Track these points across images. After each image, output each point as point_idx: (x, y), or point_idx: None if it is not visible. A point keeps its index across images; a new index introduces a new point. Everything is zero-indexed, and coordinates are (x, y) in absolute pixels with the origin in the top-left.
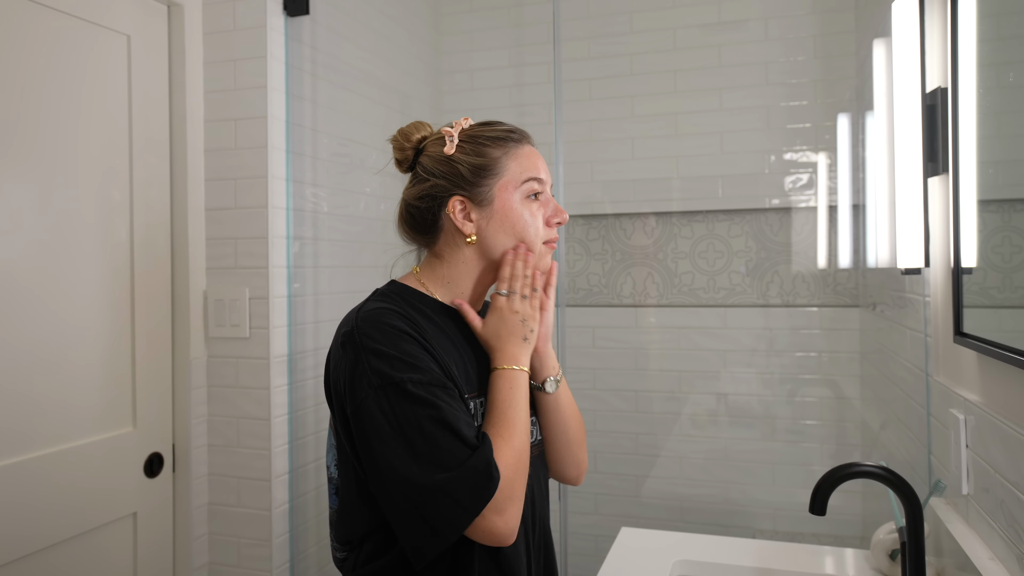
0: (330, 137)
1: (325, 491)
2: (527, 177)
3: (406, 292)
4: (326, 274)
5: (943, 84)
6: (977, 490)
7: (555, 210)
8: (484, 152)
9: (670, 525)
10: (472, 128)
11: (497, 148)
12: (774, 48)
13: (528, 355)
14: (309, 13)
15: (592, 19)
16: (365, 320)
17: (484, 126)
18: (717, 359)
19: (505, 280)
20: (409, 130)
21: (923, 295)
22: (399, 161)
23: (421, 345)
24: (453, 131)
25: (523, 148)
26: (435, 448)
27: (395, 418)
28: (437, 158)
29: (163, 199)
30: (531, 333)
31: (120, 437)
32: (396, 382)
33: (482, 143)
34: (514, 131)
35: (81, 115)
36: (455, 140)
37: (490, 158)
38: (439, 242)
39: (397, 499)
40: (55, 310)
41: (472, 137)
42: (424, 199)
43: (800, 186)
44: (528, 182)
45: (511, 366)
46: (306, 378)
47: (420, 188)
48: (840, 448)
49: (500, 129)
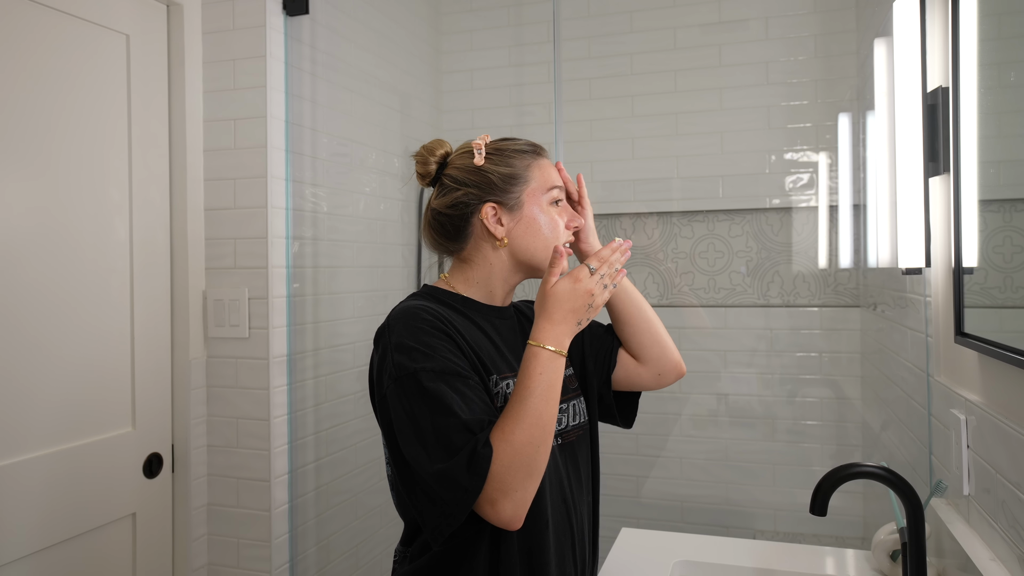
0: (330, 137)
1: (325, 491)
2: (551, 185)
3: (438, 292)
4: (326, 274)
5: (944, 83)
6: (978, 490)
7: (572, 216)
8: (511, 163)
9: (670, 525)
10: (495, 142)
11: (522, 159)
12: (774, 47)
13: (569, 340)
14: (309, 13)
15: (592, 19)
16: (395, 317)
17: (506, 141)
18: (717, 359)
19: (597, 259)
20: (433, 146)
21: (924, 295)
22: (421, 175)
23: (446, 334)
24: (481, 143)
25: (542, 160)
26: (441, 435)
27: (410, 407)
28: (467, 169)
29: (162, 199)
30: (586, 321)
31: (119, 437)
32: (412, 372)
33: (508, 155)
34: (533, 145)
35: (80, 115)
36: (483, 152)
37: (518, 167)
38: (467, 247)
39: (413, 482)
40: (55, 310)
41: (498, 150)
42: (456, 207)
43: (801, 186)
44: (552, 190)
45: (550, 346)
46: (305, 378)
47: (451, 197)
48: (841, 448)
49: (522, 143)
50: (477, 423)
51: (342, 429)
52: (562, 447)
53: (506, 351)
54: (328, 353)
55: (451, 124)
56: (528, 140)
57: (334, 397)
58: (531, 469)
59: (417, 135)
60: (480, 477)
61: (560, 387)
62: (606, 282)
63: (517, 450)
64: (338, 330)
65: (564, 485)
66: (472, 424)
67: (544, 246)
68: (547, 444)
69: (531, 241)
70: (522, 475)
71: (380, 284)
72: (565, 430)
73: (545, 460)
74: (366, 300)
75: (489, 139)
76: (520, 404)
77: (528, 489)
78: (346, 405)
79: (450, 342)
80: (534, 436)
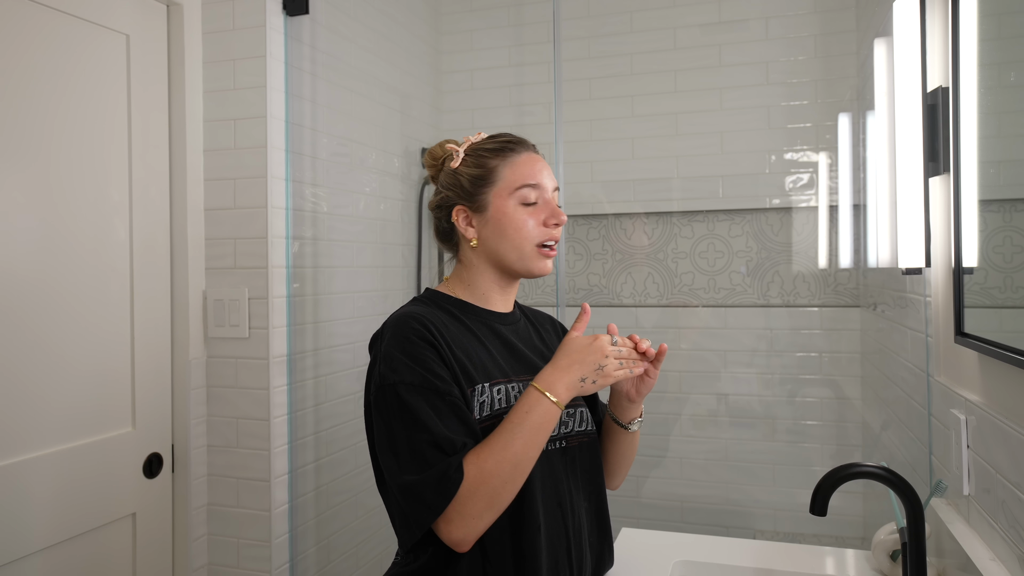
0: (330, 137)
1: (325, 491)
2: (519, 184)
3: (437, 296)
4: (326, 274)
5: (944, 83)
6: (978, 490)
7: (552, 212)
8: (483, 163)
9: (670, 525)
10: (478, 142)
11: (495, 158)
12: (774, 47)
13: (571, 394)
14: (309, 13)
15: (592, 19)
16: (388, 325)
17: (489, 139)
18: (717, 359)
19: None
20: (435, 150)
21: (924, 295)
22: (432, 177)
23: (431, 344)
24: (459, 147)
25: (520, 156)
26: (412, 451)
27: (388, 417)
28: (447, 172)
29: (162, 199)
30: (593, 384)
31: (119, 437)
32: (392, 384)
33: (482, 155)
34: (513, 140)
35: (80, 115)
36: (460, 155)
37: (487, 168)
38: (459, 249)
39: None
40: (54, 310)
41: (475, 150)
42: (439, 209)
43: (801, 186)
44: (521, 188)
45: (547, 391)
46: (305, 378)
47: (435, 200)
48: (841, 448)
49: (500, 140)
50: (448, 442)
51: (342, 429)
52: (564, 451)
53: (501, 357)
54: (328, 353)
55: (451, 124)
56: (510, 136)
57: (334, 397)
58: (492, 501)
59: (417, 135)
60: (445, 499)
61: (548, 433)
62: (622, 360)
63: (485, 480)
64: (338, 330)
65: (562, 489)
66: (443, 442)
67: (512, 247)
68: (515, 483)
69: (498, 242)
70: (482, 505)
71: (380, 284)
72: (569, 434)
73: (510, 497)
74: (366, 300)
75: (482, 136)
76: (500, 438)
77: (484, 519)
78: (346, 405)
79: (434, 352)
80: (503, 471)
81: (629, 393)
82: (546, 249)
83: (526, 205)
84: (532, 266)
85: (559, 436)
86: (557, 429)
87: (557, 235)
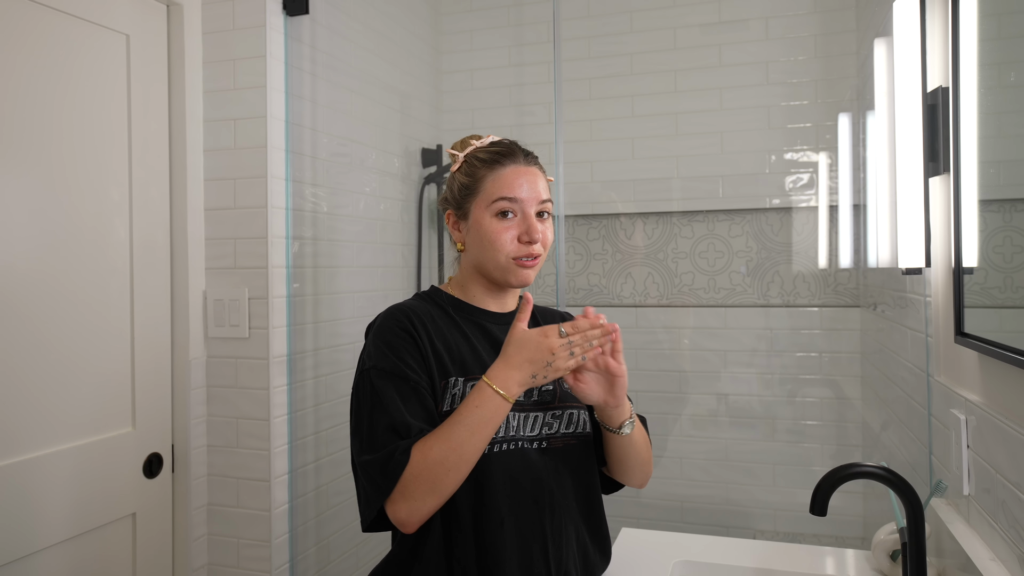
0: (330, 137)
1: (325, 491)
2: (496, 197)
3: (435, 293)
4: (326, 274)
5: (944, 83)
6: (978, 490)
7: (528, 229)
8: (472, 172)
9: (670, 525)
10: (478, 147)
11: (483, 168)
12: (775, 47)
13: (523, 389)
14: (309, 12)
15: (592, 19)
16: (380, 315)
17: (489, 146)
18: (717, 359)
19: (571, 326)
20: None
21: (924, 295)
22: None
23: (410, 335)
24: (459, 152)
25: (506, 168)
26: (371, 431)
27: (359, 400)
28: (449, 174)
29: (162, 199)
30: (544, 379)
31: (119, 437)
32: (367, 368)
33: (473, 163)
34: (503, 152)
35: (80, 115)
36: (459, 159)
37: (475, 178)
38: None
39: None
40: (54, 310)
41: (471, 157)
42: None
43: (801, 186)
44: (497, 201)
45: (497, 387)
46: (305, 378)
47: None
48: (841, 448)
49: (492, 150)
50: (404, 427)
51: (342, 429)
52: (544, 451)
53: (486, 354)
54: (328, 353)
55: (451, 124)
56: (503, 147)
57: (334, 397)
58: (435, 486)
59: (417, 135)
60: (391, 480)
61: (495, 426)
62: (574, 350)
63: (429, 466)
64: (338, 330)
65: (541, 488)
66: (399, 426)
67: (488, 257)
68: (460, 471)
69: (477, 251)
70: (424, 489)
71: (380, 284)
72: (553, 435)
73: (455, 484)
74: (366, 300)
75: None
76: (449, 427)
77: (427, 503)
78: (346, 405)
79: (411, 343)
80: (448, 460)
81: (607, 400)
82: (523, 260)
83: (503, 218)
84: (509, 277)
85: (540, 437)
86: (538, 431)
87: (534, 251)
